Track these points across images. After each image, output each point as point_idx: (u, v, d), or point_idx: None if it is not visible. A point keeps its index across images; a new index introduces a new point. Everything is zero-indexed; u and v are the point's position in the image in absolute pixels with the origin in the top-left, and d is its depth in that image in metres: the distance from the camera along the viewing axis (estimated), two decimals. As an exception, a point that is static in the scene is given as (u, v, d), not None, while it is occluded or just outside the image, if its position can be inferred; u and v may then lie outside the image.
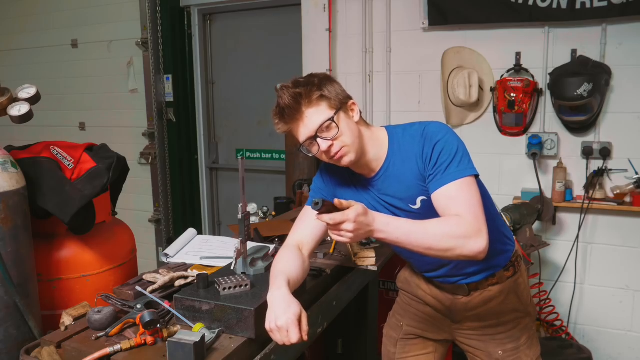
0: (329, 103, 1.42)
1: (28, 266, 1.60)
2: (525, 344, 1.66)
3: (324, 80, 1.45)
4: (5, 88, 1.68)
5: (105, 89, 4.47)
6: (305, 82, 1.43)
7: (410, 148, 1.46)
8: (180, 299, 1.45)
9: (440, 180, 1.38)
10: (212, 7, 4.13)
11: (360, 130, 1.48)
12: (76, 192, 1.74)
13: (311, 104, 1.41)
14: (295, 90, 1.40)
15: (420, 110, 3.30)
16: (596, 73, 2.74)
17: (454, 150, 1.40)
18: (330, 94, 1.43)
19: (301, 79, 1.46)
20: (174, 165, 4.28)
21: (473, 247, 1.30)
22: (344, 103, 1.45)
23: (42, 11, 4.61)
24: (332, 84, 1.46)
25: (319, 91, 1.41)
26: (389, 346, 1.85)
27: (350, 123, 1.46)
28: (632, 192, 2.79)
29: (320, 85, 1.42)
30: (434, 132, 1.44)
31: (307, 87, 1.41)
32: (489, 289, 1.61)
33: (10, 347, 1.53)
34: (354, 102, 1.49)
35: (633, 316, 2.98)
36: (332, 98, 1.43)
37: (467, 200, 1.34)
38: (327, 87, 1.44)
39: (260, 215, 2.79)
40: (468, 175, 1.39)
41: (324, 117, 1.41)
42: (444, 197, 1.37)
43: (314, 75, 1.48)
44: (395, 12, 3.28)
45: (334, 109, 1.42)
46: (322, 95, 1.41)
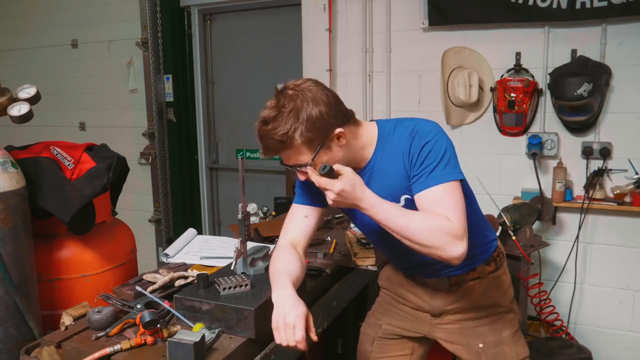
0: (310, 146, 1.35)
1: (28, 266, 1.60)
2: (509, 338, 1.64)
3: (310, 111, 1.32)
4: (5, 88, 1.69)
5: (105, 89, 4.47)
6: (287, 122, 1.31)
7: (398, 145, 1.43)
8: (180, 299, 1.45)
9: (425, 182, 1.36)
10: (212, 7, 4.13)
11: (344, 152, 1.41)
12: (76, 192, 1.74)
13: (291, 148, 1.35)
14: (276, 134, 1.32)
15: (420, 110, 3.30)
16: (596, 73, 2.74)
17: (441, 152, 1.37)
18: (311, 136, 1.33)
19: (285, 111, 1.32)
20: (174, 165, 4.28)
21: (452, 251, 1.29)
22: (325, 139, 1.36)
23: (42, 11, 4.61)
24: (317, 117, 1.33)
25: (300, 138, 1.32)
26: (365, 344, 1.83)
27: (333, 154, 1.39)
28: (632, 192, 2.79)
29: (303, 128, 1.31)
30: (424, 132, 1.40)
31: (287, 133, 1.31)
32: (470, 283, 1.61)
33: (10, 347, 1.53)
34: (340, 132, 1.37)
35: (633, 316, 2.97)
36: (314, 140, 1.34)
37: (452, 205, 1.33)
38: (311, 126, 1.32)
39: (260, 215, 2.79)
40: (453, 180, 1.36)
41: (303, 161, 1.37)
42: (428, 199, 1.35)
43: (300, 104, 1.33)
44: (395, 12, 3.28)
45: (313, 150, 1.36)
46: (303, 141, 1.33)
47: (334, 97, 1.40)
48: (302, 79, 1.42)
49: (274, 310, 1.31)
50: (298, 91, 1.35)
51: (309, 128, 1.32)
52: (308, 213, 1.59)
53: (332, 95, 1.40)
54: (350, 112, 1.45)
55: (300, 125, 1.32)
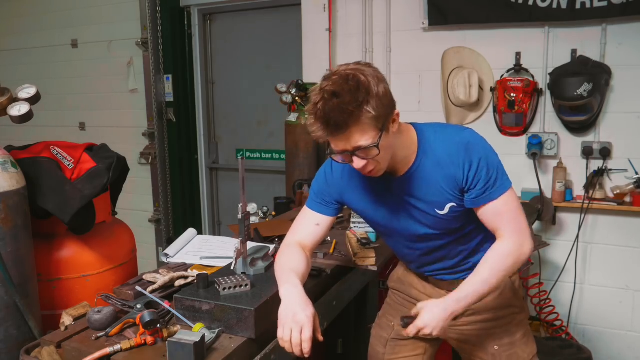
0: (376, 124, 1.28)
1: (28, 266, 1.60)
2: (522, 340, 1.66)
3: (378, 91, 1.27)
4: (5, 88, 1.69)
5: (105, 89, 4.47)
6: (357, 94, 1.25)
7: (445, 155, 1.41)
8: (180, 299, 1.45)
9: (489, 196, 1.42)
10: (212, 7, 4.13)
11: (395, 141, 1.37)
12: (76, 192, 1.74)
13: (359, 124, 1.26)
14: (347, 107, 1.23)
15: (420, 110, 3.30)
16: (596, 73, 2.74)
17: (496, 165, 1.43)
18: (379, 112, 1.27)
19: (352, 84, 1.26)
20: (174, 165, 4.28)
21: (524, 257, 1.45)
22: (388, 119, 1.31)
23: (42, 11, 4.61)
24: (384, 93, 1.29)
25: (372, 111, 1.25)
26: (377, 346, 1.83)
27: (389, 140, 1.33)
28: (632, 192, 2.79)
29: (373, 102, 1.26)
30: (478, 147, 1.43)
31: (359, 105, 1.24)
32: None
33: (10, 347, 1.53)
34: (397, 113, 1.34)
35: (633, 316, 2.97)
36: (381, 117, 1.28)
37: (512, 216, 1.44)
38: (379, 101, 1.27)
39: (260, 215, 2.79)
40: (509, 188, 1.44)
41: (367, 142, 1.28)
42: (492, 213, 1.43)
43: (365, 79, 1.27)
44: (395, 12, 3.28)
45: (379, 131, 1.29)
46: (373, 116, 1.26)
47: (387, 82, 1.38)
48: (350, 63, 1.35)
49: (282, 305, 1.31)
50: (357, 70, 1.29)
51: (379, 104, 1.27)
52: (320, 221, 1.57)
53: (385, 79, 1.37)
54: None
55: (372, 99, 1.25)
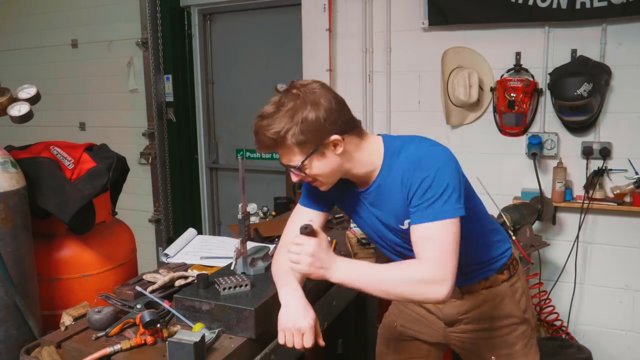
0: (301, 149, 1.32)
1: (28, 266, 1.60)
2: (521, 351, 1.62)
3: (307, 113, 1.30)
4: (5, 88, 1.68)
5: (105, 89, 4.47)
6: (281, 122, 1.30)
7: (401, 171, 1.37)
8: (180, 299, 1.45)
9: (420, 217, 1.31)
10: (212, 7, 4.13)
11: (341, 162, 1.37)
12: (76, 192, 1.74)
13: (283, 147, 1.33)
14: (269, 131, 1.30)
15: (420, 110, 3.30)
16: (596, 73, 2.74)
17: (442, 188, 1.29)
18: (305, 138, 1.30)
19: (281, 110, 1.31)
20: (174, 165, 4.28)
21: (431, 295, 1.27)
22: (321, 143, 1.32)
23: (42, 11, 4.61)
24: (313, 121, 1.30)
25: (293, 139, 1.30)
26: (381, 346, 1.84)
27: (327, 161, 1.35)
28: (632, 192, 2.79)
29: (296, 129, 1.29)
30: (426, 165, 1.32)
31: (279, 132, 1.29)
32: (482, 292, 1.58)
33: (10, 347, 1.53)
34: (336, 139, 1.33)
35: (633, 316, 2.97)
36: (307, 143, 1.31)
37: (440, 245, 1.28)
38: (305, 128, 1.29)
39: (260, 215, 2.79)
40: (449, 218, 1.29)
41: (295, 163, 1.35)
42: (419, 235, 1.31)
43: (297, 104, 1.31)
44: (395, 12, 3.28)
45: (304, 153, 1.33)
46: (296, 142, 1.30)
47: (337, 103, 1.35)
48: (310, 80, 1.39)
49: (283, 309, 1.31)
50: (301, 92, 1.33)
51: (302, 130, 1.29)
52: (313, 217, 1.55)
53: (336, 101, 1.35)
54: (354, 122, 1.40)
55: (293, 126, 1.29)
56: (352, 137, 1.38)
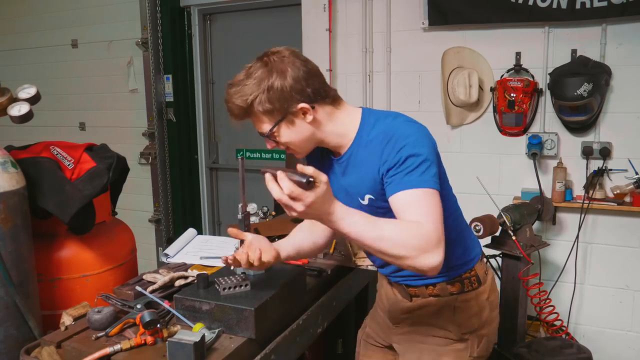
0: (270, 117, 1.35)
1: (28, 266, 1.60)
2: None
3: (273, 80, 1.31)
4: (5, 88, 1.69)
5: (105, 89, 4.47)
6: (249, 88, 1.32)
7: (374, 144, 1.35)
8: (180, 299, 1.45)
9: (398, 185, 1.26)
10: (212, 7, 4.13)
11: (312, 130, 1.38)
12: (76, 192, 1.74)
13: (252, 115, 1.36)
14: (236, 102, 1.33)
15: (420, 110, 3.30)
16: (596, 73, 2.74)
17: (420, 159, 1.27)
18: (271, 106, 1.32)
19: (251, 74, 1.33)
20: (174, 165, 4.27)
21: (426, 262, 1.19)
22: (288, 111, 1.33)
23: (42, 11, 4.61)
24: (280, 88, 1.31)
25: (260, 106, 1.32)
26: (358, 345, 1.84)
27: (296, 129, 1.37)
28: (632, 192, 2.79)
29: (263, 96, 1.31)
30: (406, 136, 1.30)
31: (246, 99, 1.32)
32: (429, 298, 1.53)
33: (10, 347, 1.53)
34: (303, 107, 1.33)
35: (633, 316, 2.97)
36: (274, 111, 1.33)
37: (427, 210, 1.23)
38: (271, 96, 1.31)
39: (260, 215, 2.79)
40: (429, 187, 1.25)
41: (260, 129, 1.38)
42: (402, 201, 1.26)
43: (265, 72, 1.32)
44: (395, 12, 3.28)
45: (272, 121, 1.35)
46: (260, 109, 1.33)
47: (306, 72, 1.35)
48: (283, 48, 1.40)
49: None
50: (270, 59, 1.34)
51: (268, 98, 1.31)
52: None
53: (305, 69, 1.35)
54: (326, 92, 1.39)
55: (260, 94, 1.31)
56: (324, 106, 1.39)
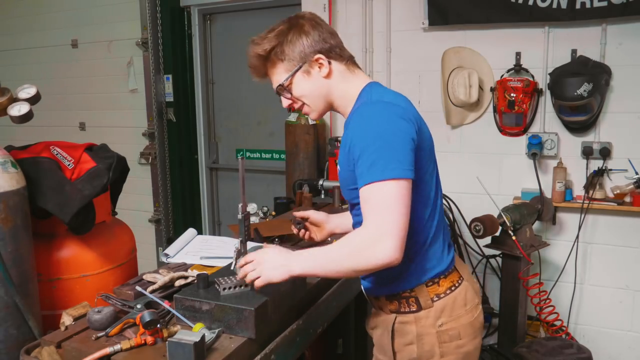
0: (286, 65, 1.41)
1: (28, 266, 1.60)
2: None
3: (292, 34, 1.41)
4: (5, 88, 1.68)
5: (105, 89, 4.47)
6: (270, 42, 1.41)
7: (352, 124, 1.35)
8: (180, 299, 1.45)
9: (361, 178, 1.26)
10: (212, 7, 4.13)
11: (327, 86, 1.43)
12: (76, 192, 1.74)
13: (271, 66, 1.43)
14: (256, 51, 1.42)
15: (420, 110, 3.23)
16: (596, 73, 2.74)
17: (383, 148, 1.23)
18: (289, 53, 1.40)
19: (274, 29, 1.44)
20: (174, 165, 4.28)
21: (376, 256, 1.19)
22: (305, 61, 1.40)
23: (42, 11, 4.61)
24: (300, 37, 1.40)
25: (280, 55, 1.41)
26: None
27: (312, 81, 1.42)
28: (632, 192, 2.79)
29: (282, 47, 1.40)
30: (365, 117, 1.30)
31: (267, 50, 1.41)
32: (379, 312, 1.50)
33: (10, 347, 1.53)
34: (320, 57, 1.40)
35: (633, 316, 2.97)
36: (291, 59, 1.41)
37: (379, 204, 1.22)
38: (290, 44, 1.40)
39: (260, 215, 2.79)
40: (389, 179, 1.21)
41: (278, 80, 1.43)
42: (361, 198, 1.27)
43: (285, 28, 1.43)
44: (395, 12, 3.28)
45: (290, 70, 1.41)
46: (279, 58, 1.41)
47: (325, 31, 1.43)
48: (306, 12, 1.52)
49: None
50: (292, 19, 1.45)
51: (286, 48, 1.40)
52: None
53: (323, 29, 1.44)
54: (342, 52, 1.46)
55: (278, 45, 1.40)
56: (339, 64, 1.44)
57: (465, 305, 1.44)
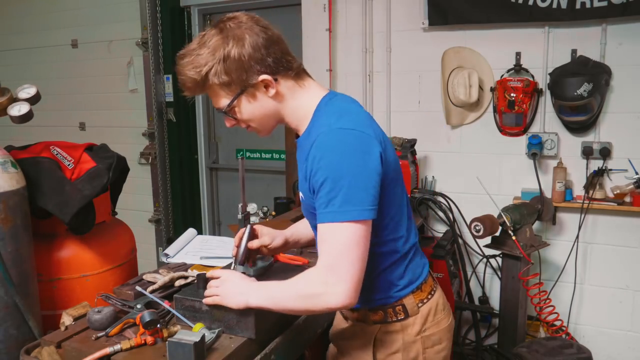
0: (227, 89, 1.23)
1: (28, 266, 1.60)
2: None
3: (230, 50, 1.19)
4: (5, 88, 1.69)
5: (105, 89, 4.47)
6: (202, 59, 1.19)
7: (305, 148, 1.24)
8: (180, 299, 1.45)
9: (319, 216, 1.18)
10: (212, 7, 4.13)
11: (275, 106, 1.27)
12: (76, 192, 1.74)
13: (208, 89, 1.24)
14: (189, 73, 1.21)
15: (420, 110, 3.30)
16: (596, 73, 2.74)
17: (338, 184, 1.13)
18: (228, 78, 1.20)
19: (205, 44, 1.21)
20: (174, 165, 4.28)
21: (328, 301, 1.16)
22: (249, 84, 1.22)
23: (42, 11, 4.61)
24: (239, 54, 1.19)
25: (216, 79, 1.20)
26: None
27: (259, 104, 1.25)
28: (632, 192, 2.79)
29: (218, 68, 1.19)
30: (321, 148, 1.16)
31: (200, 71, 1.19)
32: (355, 323, 1.43)
33: (10, 347, 1.53)
34: (265, 79, 1.22)
35: (633, 316, 2.97)
36: (232, 83, 1.22)
37: (334, 248, 1.15)
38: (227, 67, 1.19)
39: (260, 215, 2.79)
40: (346, 221, 1.14)
41: (218, 104, 1.27)
42: (318, 234, 1.20)
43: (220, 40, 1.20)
44: (395, 12, 3.28)
45: (231, 94, 1.24)
46: (217, 82, 1.21)
47: (266, 39, 1.22)
48: (240, 13, 1.29)
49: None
50: (227, 25, 1.23)
51: (225, 69, 1.19)
52: None
53: (266, 36, 1.23)
54: (289, 63, 1.27)
55: (215, 64, 1.19)
56: (287, 79, 1.27)
57: (444, 309, 1.43)
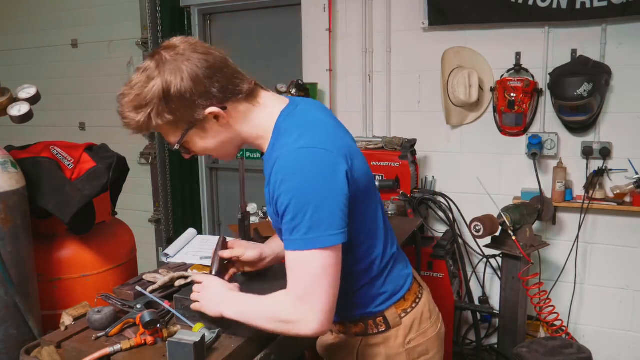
0: (174, 127, 1.17)
1: (28, 266, 1.60)
2: None
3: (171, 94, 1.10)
4: (5, 88, 1.69)
5: (105, 89, 4.45)
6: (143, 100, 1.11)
7: (268, 168, 1.17)
8: (180, 299, 1.45)
9: (286, 242, 1.13)
10: (212, 7, 4.13)
11: (230, 133, 1.20)
12: (76, 192, 1.74)
13: (152, 129, 1.18)
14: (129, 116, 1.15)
15: (420, 110, 3.30)
16: (596, 73, 2.74)
17: (302, 210, 1.07)
18: (174, 115, 1.12)
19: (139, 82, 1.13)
20: (174, 165, 4.27)
21: (299, 329, 1.13)
22: (196, 119, 1.14)
23: (42, 11, 4.61)
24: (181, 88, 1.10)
25: (159, 118, 1.13)
26: None
27: (211, 135, 1.19)
28: (632, 192, 2.79)
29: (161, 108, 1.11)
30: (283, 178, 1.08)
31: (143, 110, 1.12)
32: (335, 335, 1.40)
33: (10, 347, 1.53)
34: (214, 112, 1.14)
35: (633, 316, 2.97)
36: (180, 120, 1.14)
37: (304, 277, 1.11)
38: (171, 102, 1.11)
39: (260, 215, 2.79)
40: (314, 249, 1.08)
41: (170, 141, 1.21)
42: (286, 261, 1.14)
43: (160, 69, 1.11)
44: (395, 12, 3.28)
45: (179, 130, 1.17)
46: (162, 123, 1.14)
47: (208, 67, 1.12)
48: (180, 38, 1.17)
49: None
50: (163, 58, 1.12)
51: (167, 109, 1.12)
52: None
53: (208, 64, 1.12)
54: (237, 87, 1.17)
55: (155, 105, 1.11)
56: (237, 105, 1.18)
57: (430, 317, 1.38)
